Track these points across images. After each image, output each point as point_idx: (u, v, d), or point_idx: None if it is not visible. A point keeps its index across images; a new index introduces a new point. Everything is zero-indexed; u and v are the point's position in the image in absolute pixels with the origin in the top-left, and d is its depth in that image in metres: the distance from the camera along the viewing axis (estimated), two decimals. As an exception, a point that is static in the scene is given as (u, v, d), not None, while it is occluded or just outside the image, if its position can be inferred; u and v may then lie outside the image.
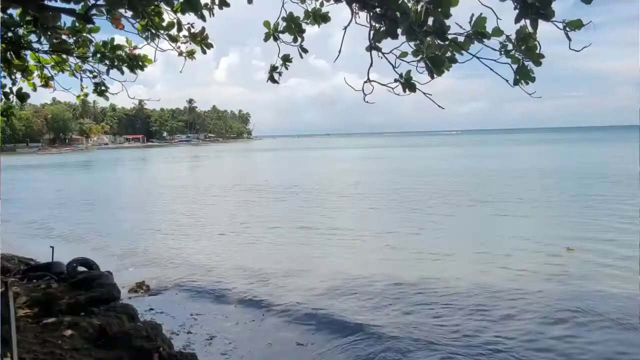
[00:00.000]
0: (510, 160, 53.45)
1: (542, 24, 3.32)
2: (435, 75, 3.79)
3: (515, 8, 3.27)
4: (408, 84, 3.92)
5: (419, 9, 3.67)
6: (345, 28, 4.10)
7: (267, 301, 9.60)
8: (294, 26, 4.30)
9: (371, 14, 3.91)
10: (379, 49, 3.98)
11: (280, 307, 9.25)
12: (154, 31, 5.48)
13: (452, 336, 7.74)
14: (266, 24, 4.53)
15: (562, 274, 11.09)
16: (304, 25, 4.35)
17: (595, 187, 26.88)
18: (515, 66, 3.56)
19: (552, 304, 9.12)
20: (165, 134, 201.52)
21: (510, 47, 3.57)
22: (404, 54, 3.93)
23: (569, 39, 3.24)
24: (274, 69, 4.70)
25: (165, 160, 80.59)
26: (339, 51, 4.30)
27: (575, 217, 18.25)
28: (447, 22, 3.60)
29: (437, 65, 3.75)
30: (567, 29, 3.21)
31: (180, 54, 5.92)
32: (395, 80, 3.98)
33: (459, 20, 3.66)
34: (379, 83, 4.11)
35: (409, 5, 3.69)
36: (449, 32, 3.63)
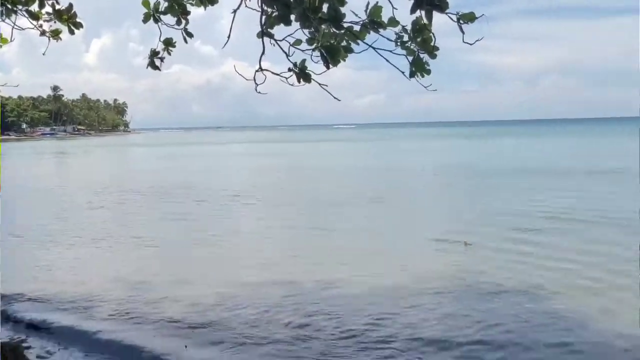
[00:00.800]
0: (408, 156, 56.39)
1: (436, 16, 3.52)
2: (330, 66, 3.88)
3: (410, -2, 3.44)
4: (302, 73, 3.96)
5: (313, -6, 3.75)
6: (234, 11, 4.06)
7: (151, 314, 9.29)
8: (177, 7, 4.19)
9: (262, -3, 3.92)
10: (271, 36, 4.00)
11: (166, 320, 8.99)
12: (9, 6, 5.07)
13: (353, 346, 7.90)
14: (145, 3, 4.34)
15: (462, 269, 11.99)
16: (188, 7, 4.25)
17: (492, 182, 29.35)
18: (411, 58, 3.75)
19: (451, 303, 9.75)
20: (24, 125, 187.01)
21: (406, 38, 3.75)
22: (298, 42, 3.98)
23: (463, 32, 3.47)
24: (154, 54, 4.54)
25: (23, 156, 74.79)
26: (228, 37, 4.25)
27: (473, 212, 19.75)
28: (343, 9, 3.71)
29: (332, 55, 3.84)
30: (461, 21, 3.44)
31: (43, 33, 5.53)
32: (289, 70, 4.00)
33: (354, 8, 3.78)
34: (271, 72, 4.12)
35: (303, -11, 3.75)
36: (344, 20, 3.74)
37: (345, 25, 3.75)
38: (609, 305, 9.49)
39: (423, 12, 3.49)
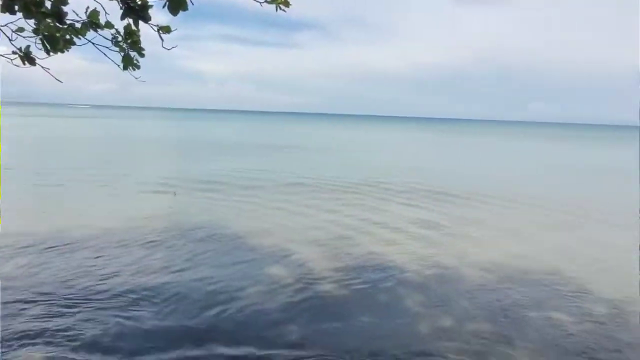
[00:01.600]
0: (133, 131, 56.53)
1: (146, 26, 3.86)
2: (51, 53, 3.91)
3: (121, 8, 3.72)
4: (27, 57, 3.90)
5: (36, -9, 3.71)
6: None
7: None
8: None
9: (-15, -14, 3.68)
10: (-6, 22, 3.80)
11: None
12: None
13: (105, 292, 7.64)
14: None
15: (172, 212, 13.39)
16: None
17: (194, 152, 33.10)
18: (123, 54, 4.05)
19: (172, 237, 10.61)
20: None
21: (120, 38, 4.02)
22: (21, 29, 3.89)
23: (162, 39, 3.91)
24: None
25: None
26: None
27: (181, 172, 21.75)
28: (65, 8, 3.77)
29: (53, 44, 3.87)
30: (161, 31, 3.88)
31: None
32: (13, 52, 3.89)
33: (76, 8, 3.88)
34: (-2, 54, 3.92)
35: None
36: (67, 17, 3.80)
37: (68, 21, 3.82)
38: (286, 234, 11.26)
39: (132, 20, 3.80)
